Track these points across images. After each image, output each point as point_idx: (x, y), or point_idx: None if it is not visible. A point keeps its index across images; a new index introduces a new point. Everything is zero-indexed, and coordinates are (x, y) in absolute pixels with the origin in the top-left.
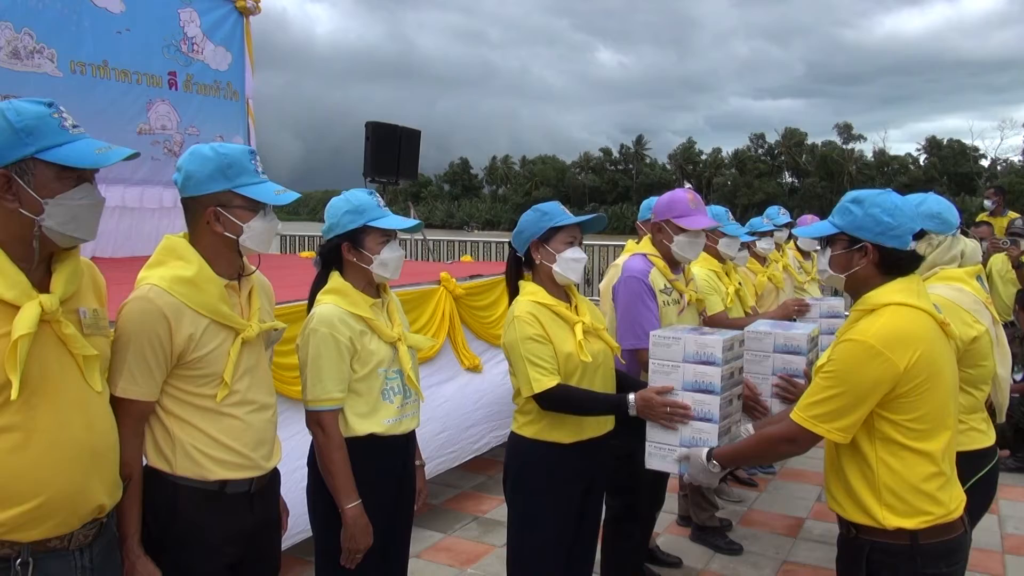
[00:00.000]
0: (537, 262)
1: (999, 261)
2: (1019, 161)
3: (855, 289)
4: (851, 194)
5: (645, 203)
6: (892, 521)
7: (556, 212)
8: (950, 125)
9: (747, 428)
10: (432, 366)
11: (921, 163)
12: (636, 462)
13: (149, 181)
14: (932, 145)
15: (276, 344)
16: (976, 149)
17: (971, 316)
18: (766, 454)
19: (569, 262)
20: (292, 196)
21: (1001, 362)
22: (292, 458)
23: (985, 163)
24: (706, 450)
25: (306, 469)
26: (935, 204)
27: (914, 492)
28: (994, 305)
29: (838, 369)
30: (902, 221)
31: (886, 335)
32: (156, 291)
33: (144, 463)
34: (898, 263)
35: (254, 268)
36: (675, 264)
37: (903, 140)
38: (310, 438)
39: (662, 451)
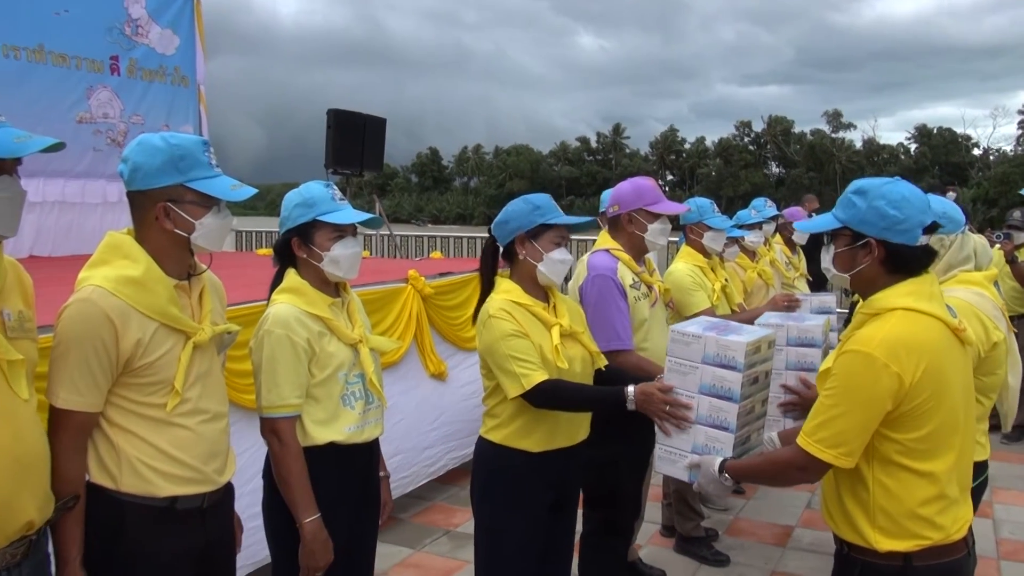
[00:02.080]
0: (521, 257)
1: (994, 256)
2: (1012, 150)
3: (862, 289)
4: (855, 184)
5: (605, 193)
6: (884, 544)
7: (548, 208)
8: (941, 113)
9: (771, 437)
10: (394, 373)
11: (912, 153)
12: (618, 472)
13: (91, 174)
14: (923, 134)
15: (229, 349)
16: (968, 138)
17: (992, 322)
18: (778, 478)
19: (556, 263)
20: (249, 192)
21: (1012, 371)
22: (247, 472)
23: (977, 152)
24: (719, 460)
25: (261, 483)
26: (938, 204)
27: (910, 517)
28: None
29: (839, 385)
30: (910, 214)
31: (891, 345)
32: (99, 292)
33: (87, 479)
34: (906, 261)
35: (205, 267)
36: (638, 256)
37: (893, 129)
38: (265, 449)
39: (672, 455)
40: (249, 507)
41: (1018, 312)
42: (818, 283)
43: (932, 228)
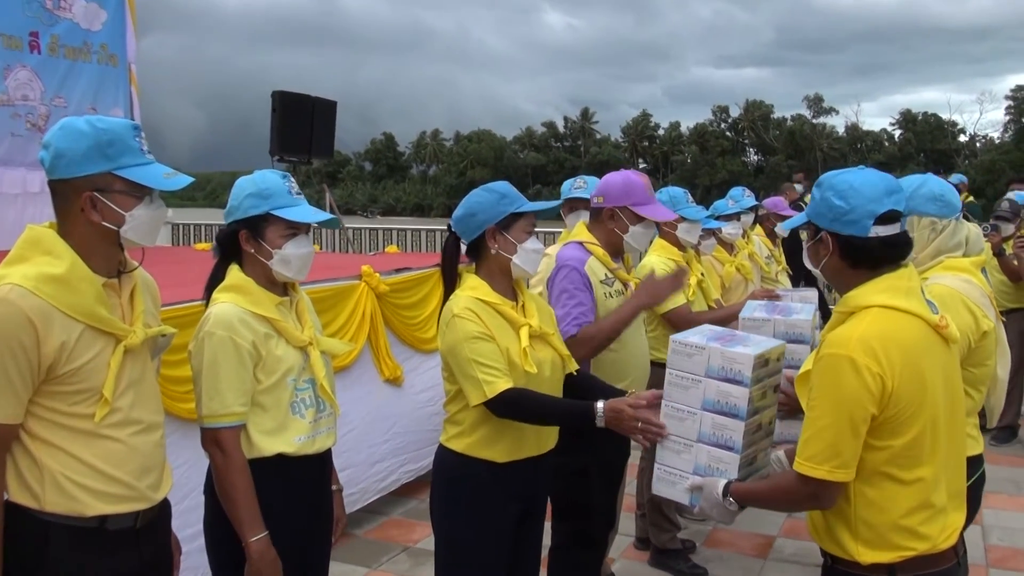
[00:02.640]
0: (492, 252)
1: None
2: (999, 137)
3: (836, 286)
4: (822, 176)
5: (568, 183)
6: (867, 556)
7: (515, 195)
8: (926, 98)
9: (778, 457)
10: (345, 378)
11: (896, 139)
12: (590, 481)
13: (9, 161)
14: (907, 119)
15: (164, 353)
16: (954, 124)
17: (981, 310)
18: (788, 506)
19: (531, 253)
20: (184, 180)
21: (1001, 363)
22: (184, 488)
23: (964, 139)
24: (723, 483)
25: (201, 499)
26: (936, 186)
27: (893, 528)
28: None
29: (819, 394)
30: (856, 203)
31: (868, 345)
32: (19, 292)
33: (5, 498)
34: (861, 254)
35: (136, 264)
36: (616, 253)
37: (877, 114)
38: (206, 462)
39: (671, 476)
40: (188, 526)
41: (1006, 307)
42: (800, 278)
43: (890, 217)
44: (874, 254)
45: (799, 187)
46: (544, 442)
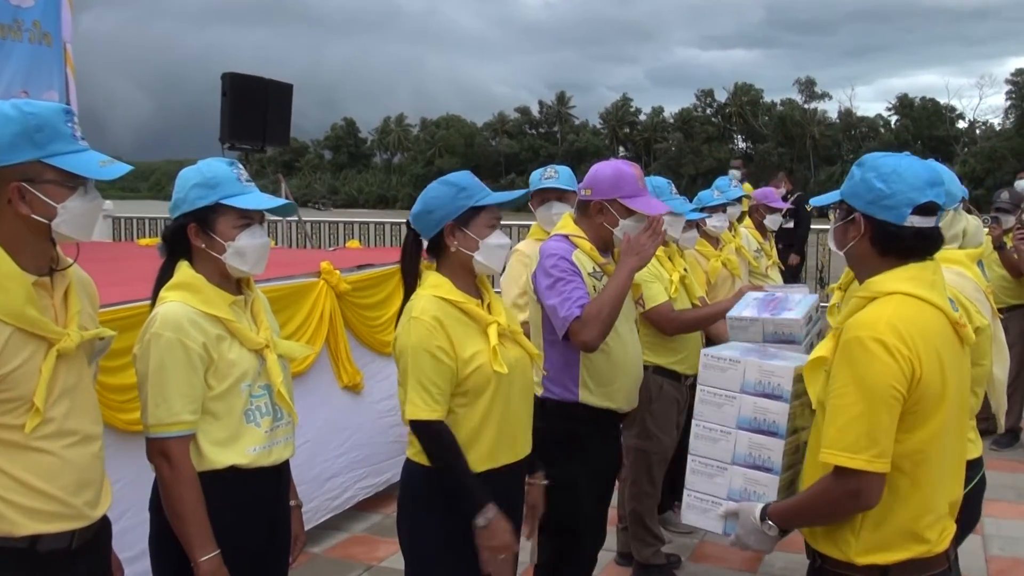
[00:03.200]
0: (453, 249)
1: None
2: (1000, 123)
3: (857, 271)
4: (864, 156)
5: (537, 173)
6: (864, 558)
7: (475, 187)
8: (924, 81)
9: None
10: (301, 385)
11: (892, 126)
12: (578, 495)
13: None
14: (904, 104)
15: (102, 359)
16: (953, 109)
17: (974, 307)
18: (832, 512)
19: (494, 249)
20: (121, 169)
21: (998, 362)
22: (124, 504)
23: (963, 125)
24: (760, 507)
25: (147, 516)
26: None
27: (899, 530)
28: None
29: (848, 379)
30: (898, 188)
31: (895, 328)
32: None
33: None
34: (892, 242)
35: (71, 261)
36: (605, 248)
37: (872, 99)
38: (150, 477)
39: (704, 503)
40: (131, 546)
41: (1007, 303)
42: (791, 274)
43: (929, 209)
44: (905, 244)
45: (736, 173)
46: (518, 447)
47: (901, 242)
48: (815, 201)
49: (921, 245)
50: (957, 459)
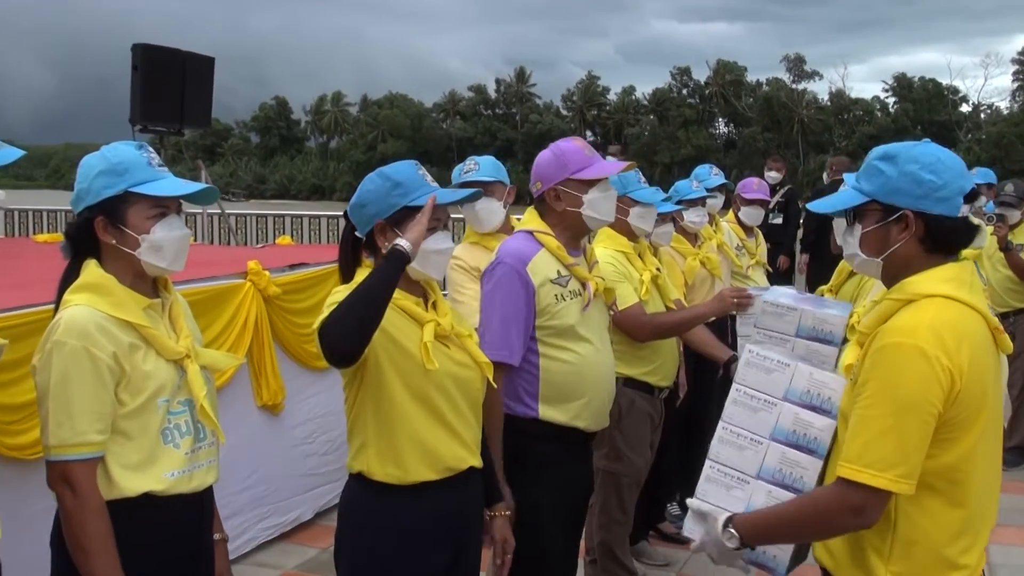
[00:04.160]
0: (384, 250)
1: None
2: (1007, 107)
3: (895, 275)
4: (878, 150)
5: (457, 169)
6: None
7: (413, 182)
8: (923, 60)
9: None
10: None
11: (890, 109)
12: (541, 522)
13: None
14: (902, 85)
15: None
16: (955, 91)
17: None
18: (817, 529)
19: (431, 256)
20: (13, 154)
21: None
22: (19, 539)
23: (966, 108)
24: (724, 516)
25: (46, 551)
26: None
27: (934, 556)
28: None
29: (881, 389)
30: (949, 178)
31: (938, 335)
32: None
33: None
34: (948, 236)
35: None
36: (579, 236)
37: (867, 78)
38: (51, 505)
39: (727, 478)
40: None
41: (1013, 307)
42: (782, 279)
43: (973, 196)
44: (959, 236)
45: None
46: (464, 454)
47: (955, 235)
48: (817, 207)
49: (970, 235)
50: (994, 475)
